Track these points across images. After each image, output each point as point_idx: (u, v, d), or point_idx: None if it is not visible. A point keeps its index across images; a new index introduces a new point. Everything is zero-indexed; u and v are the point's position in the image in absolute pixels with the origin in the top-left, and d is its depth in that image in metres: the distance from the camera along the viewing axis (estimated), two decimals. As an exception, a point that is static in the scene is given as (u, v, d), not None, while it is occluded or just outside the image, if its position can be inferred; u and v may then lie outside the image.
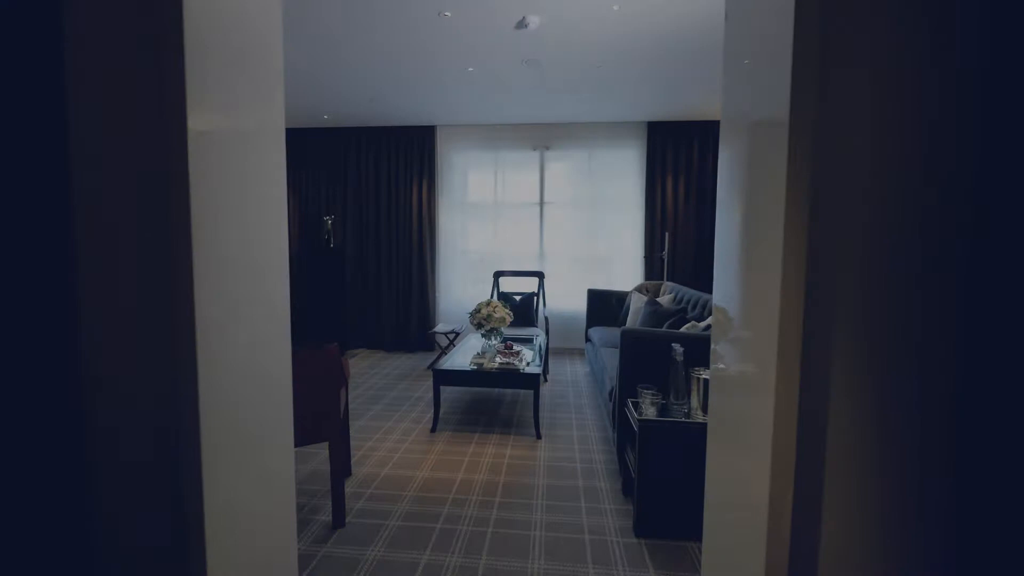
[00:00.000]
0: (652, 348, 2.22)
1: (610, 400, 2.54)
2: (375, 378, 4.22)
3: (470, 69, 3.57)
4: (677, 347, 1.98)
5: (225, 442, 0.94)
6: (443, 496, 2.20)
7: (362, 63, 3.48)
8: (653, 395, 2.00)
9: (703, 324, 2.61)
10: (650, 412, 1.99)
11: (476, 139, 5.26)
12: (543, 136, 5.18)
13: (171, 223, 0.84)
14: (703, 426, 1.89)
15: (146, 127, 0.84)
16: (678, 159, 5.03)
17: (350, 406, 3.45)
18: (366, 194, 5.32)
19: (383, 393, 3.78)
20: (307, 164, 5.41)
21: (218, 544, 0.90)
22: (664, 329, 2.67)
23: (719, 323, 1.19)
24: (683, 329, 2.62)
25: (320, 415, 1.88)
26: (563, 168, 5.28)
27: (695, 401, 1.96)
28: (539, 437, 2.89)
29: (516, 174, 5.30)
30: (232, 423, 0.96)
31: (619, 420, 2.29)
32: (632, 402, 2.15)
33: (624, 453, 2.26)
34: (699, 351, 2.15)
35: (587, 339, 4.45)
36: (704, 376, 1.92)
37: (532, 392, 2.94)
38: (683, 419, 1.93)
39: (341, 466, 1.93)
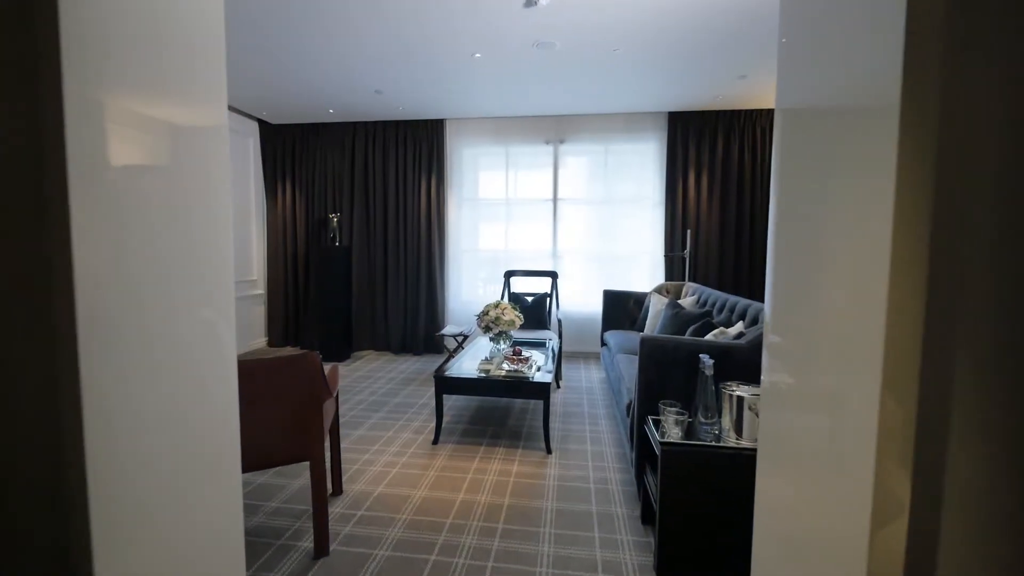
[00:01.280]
0: (675, 358, 1.96)
1: (627, 415, 2.29)
2: (379, 382, 4.04)
3: (477, 55, 3.35)
4: (706, 359, 1.72)
5: (126, 491, 0.73)
6: (440, 520, 1.98)
7: (363, 50, 3.29)
8: (677, 413, 1.75)
9: (733, 331, 2.33)
10: (674, 433, 1.73)
11: (486, 133, 5.04)
12: (556, 129, 4.93)
13: (45, 219, 0.64)
14: (738, 451, 1.63)
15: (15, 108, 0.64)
16: (701, 152, 4.72)
17: (349, 414, 3.26)
18: (373, 191, 5.15)
19: (386, 399, 3.59)
20: (313, 160, 5.27)
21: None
22: (688, 337, 2.40)
23: (774, 328, 0.95)
24: (710, 336, 2.35)
25: (299, 432, 1.68)
26: (578, 162, 5.02)
27: (727, 421, 1.70)
28: (549, 452, 2.65)
29: (528, 169, 5.06)
30: (140, 461, 0.76)
31: (638, 438, 2.03)
32: (653, 419, 1.89)
33: (643, 476, 2.01)
34: (730, 363, 1.89)
35: (603, 343, 4.20)
36: (738, 393, 1.66)
37: (542, 402, 2.70)
38: (713, 442, 1.67)
39: (326, 487, 1.73)
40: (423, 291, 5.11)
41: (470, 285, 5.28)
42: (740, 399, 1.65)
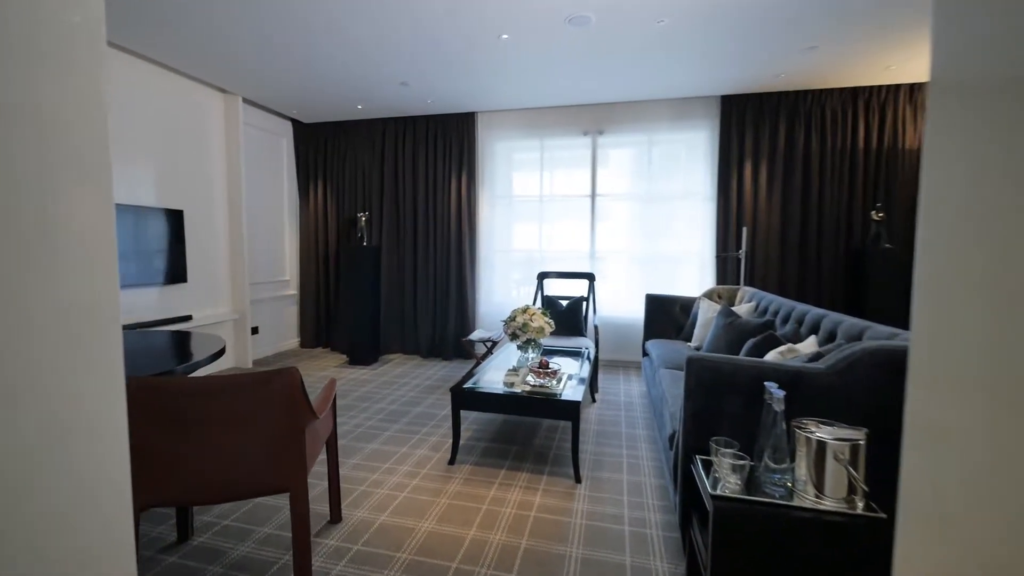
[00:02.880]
0: (732, 383, 1.58)
1: (671, 447, 1.92)
2: (403, 389, 3.84)
3: (504, 36, 3.06)
4: (774, 388, 1.34)
5: None
6: (444, 564, 1.70)
7: (381, 35, 3.08)
8: (735, 457, 1.37)
9: (804, 347, 1.90)
10: (730, 482, 1.36)
11: (519, 126, 4.74)
12: (595, 118, 4.56)
13: None
14: (818, 514, 1.24)
15: None
16: (759, 139, 4.20)
17: (367, 424, 3.06)
18: (403, 189, 4.99)
19: (407, 409, 3.37)
20: (344, 159, 5.17)
21: None
22: (749, 357, 2.00)
23: (925, 346, 0.59)
24: (774, 355, 1.93)
25: (277, 459, 1.45)
26: (619, 155, 4.62)
27: (803, 471, 1.31)
28: (578, 481, 2.32)
29: (565, 163, 4.72)
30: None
31: (682, 480, 1.66)
32: (702, 459, 1.53)
33: (689, 528, 1.64)
34: (804, 391, 1.49)
35: (644, 353, 3.79)
36: (819, 436, 1.26)
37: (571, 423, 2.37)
38: (784, 500, 1.29)
39: (308, 523, 1.49)
40: (453, 293, 4.89)
41: (503, 287, 5.00)
42: (822, 445, 1.26)
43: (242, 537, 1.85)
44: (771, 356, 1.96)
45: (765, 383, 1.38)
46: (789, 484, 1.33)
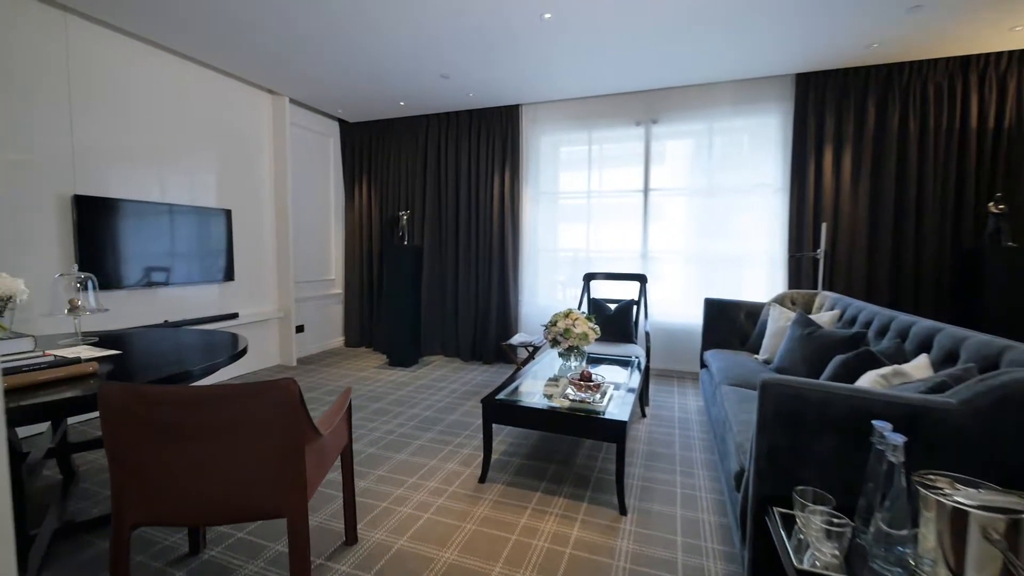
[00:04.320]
0: (821, 415, 1.23)
1: (738, 488, 1.58)
2: (440, 394, 3.68)
3: (546, 16, 2.80)
4: (887, 430, 1.00)
5: None
6: (463, 607, 1.48)
7: (417, 23, 2.92)
8: (830, 517, 1.04)
9: (917, 371, 1.50)
10: (824, 551, 1.03)
11: (566, 117, 4.46)
12: (648, 107, 4.19)
13: None
14: (958, 614, 0.89)
15: None
16: (842, 122, 3.66)
17: (399, 431, 2.91)
18: (445, 186, 4.86)
19: (441, 416, 3.20)
20: (388, 157, 5.12)
21: None
22: (841, 383, 1.63)
23: None
24: (875, 378, 1.54)
25: (273, 481, 1.29)
26: (675, 145, 4.22)
27: (930, 544, 0.96)
28: (623, 512, 2.02)
29: (615, 156, 4.38)
30: None
31: (754, 533, 1.34)
32: (780, 512, 1.20)
33: (762, 594, 1.31)
34: (924, 433, 1.13)
35: (703, 364, 3.39)
36: (956, 502, 0.91)
37: (616, 446, 2.07)
38: (903, 585, 0.95)
39: (308, 553, 1.32)
40: (495, 294, 4.69)
41: (547, 288, 4.74)
42: (962, 514, 0.91)
43: (252, 553, 1.73)
44: (868, 380, 1.58)
45: (874, 422, 1.04)
46: (909, 559, 0.99)
